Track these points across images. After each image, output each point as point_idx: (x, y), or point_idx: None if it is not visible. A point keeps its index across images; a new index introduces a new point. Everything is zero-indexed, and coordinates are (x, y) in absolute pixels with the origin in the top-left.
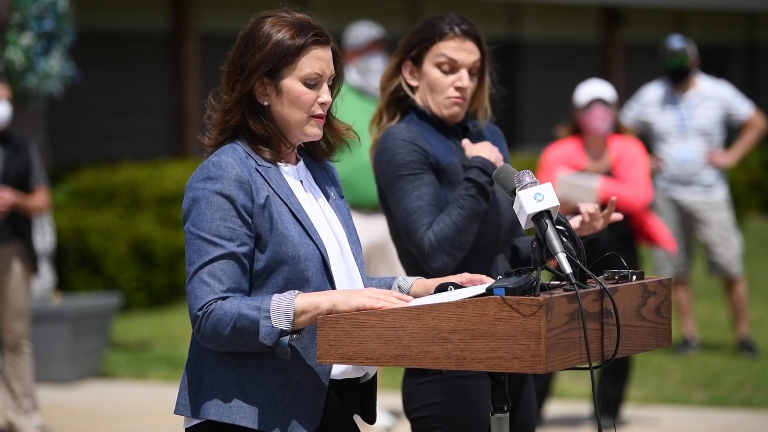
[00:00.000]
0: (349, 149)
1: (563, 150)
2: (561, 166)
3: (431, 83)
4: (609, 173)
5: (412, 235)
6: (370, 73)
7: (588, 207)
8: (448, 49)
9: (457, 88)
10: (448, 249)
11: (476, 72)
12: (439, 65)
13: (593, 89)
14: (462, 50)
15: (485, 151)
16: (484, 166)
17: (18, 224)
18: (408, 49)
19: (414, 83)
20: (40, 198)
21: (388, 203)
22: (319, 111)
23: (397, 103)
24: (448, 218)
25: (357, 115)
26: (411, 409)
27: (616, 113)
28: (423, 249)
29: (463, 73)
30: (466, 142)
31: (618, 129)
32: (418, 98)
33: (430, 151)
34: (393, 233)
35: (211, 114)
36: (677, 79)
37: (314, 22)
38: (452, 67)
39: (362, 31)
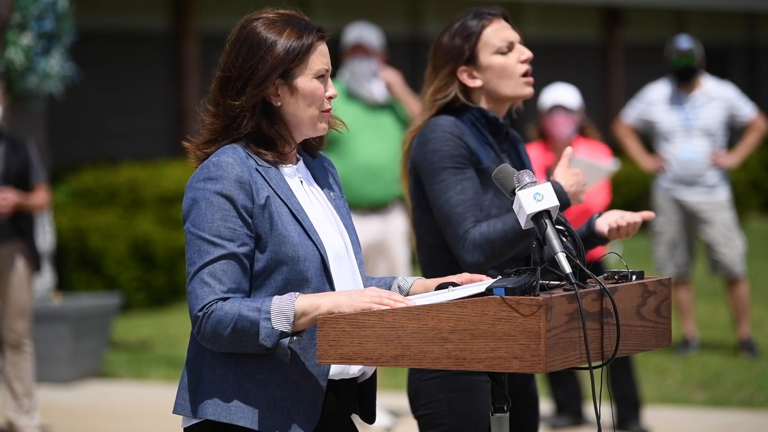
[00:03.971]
0: (337, 130)
1: (530, 152)
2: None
3: (500, 70)
4: None
5: (456, 225)
6: (354, 76)
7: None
8: (497, 32)
9: (523, 62)
10: (488, 251)
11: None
12: (498, 51)
13: (555, 95)
14: (506, 29)
15: (569, 179)
16: (559, 194)
17: (20, 223)
18: (457, 55)
19: (478, 84)
20: (40, 196)
21: (426, 191)
22: (328, 105)
23: (449, 111)
24: (501, 224)
25: (349, 114)
26: (417, 405)
27: (580, 117)
28: (464, 241)
29: (520, 47)
30: (566, 154)
31: (582, 132)
32: (482, 97)
33: (475, 150)
34: (416, 224)
35: (207, 119)
36: (684, 79)
37: (305, 17)
38: (508, 47)
39: (351, 33)
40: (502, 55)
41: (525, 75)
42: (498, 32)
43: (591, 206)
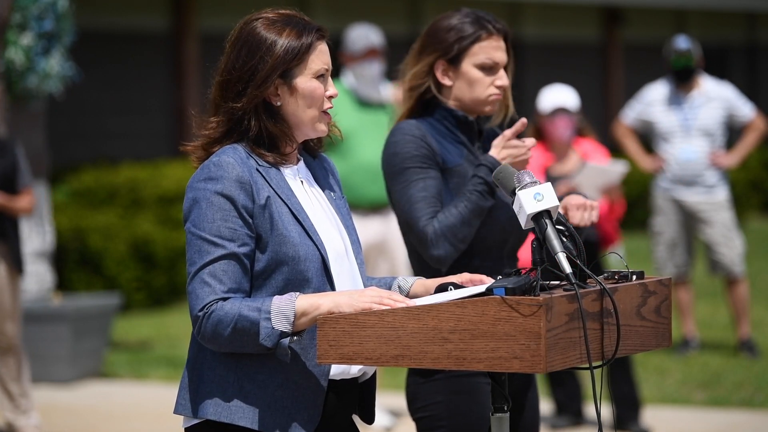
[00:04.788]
0: (332, 140)
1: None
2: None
3: (472, 83)
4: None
5: (415, 222)
6: (364, 79)
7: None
8: (489, 50)
9: (498, 87)
10: (451, 239)
11: (507, 69)
12: (480, 66)
13: (556, 98)
14: (499, 49)
15: (504, 152)
16: (493, 166)
17: (2, 226)
18: (444, 49)
19: (448, 83)
20: (26, 200)
21: (390, 195)
22: (328, 105)
23: (423, 103)
24: (455, 209)
25: (352, 115)
26: (415, 408)
27: (579, 118)
28: (426, 236)
29: (502, 73)
30: (507, 132)
31: (580, 132)
32: (450, 98)
33: (438, 151)
34: (401, 231)
35: (208, 122)
36: (682, 79)
37: (305, 17)
38: (492, 67)
39: (360, 37)
40: (482, 71)
41: (495, 96)
42: (491, 49)
43: (613, 206)
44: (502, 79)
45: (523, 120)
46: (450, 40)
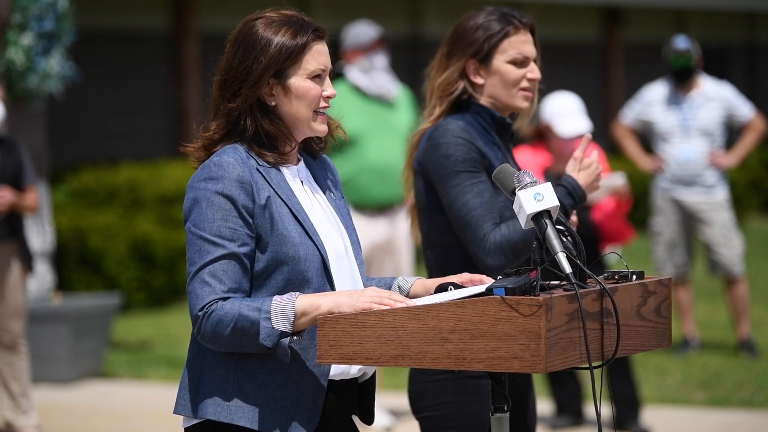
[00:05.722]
0: (335, 141)
1: (525, 156)
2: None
3: (505, 78)
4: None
5: (475, 229)
6: (374, 71)
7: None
8: (518, 44)
9: (530, 80)
10: (509, 253)
11: (536, 62)
12: (512, 61)
13: (578, 127)
14: (528, 43)
15: (582, 174)
16: (573, 189)
17: (14, 224)
18: (475, 50)
19: (480, 81)
20: (32, 197)
21: (440, 196)
22: (325, 104)
23: (456, 105)
24: (521, 226)
25: (359, 115)
26: (421, 406)
27: None
28: (484, 245)
29: (534, 66)
30: (577, 154)
31: None
32: (483, 95)
33: (486, 154)
34: (425, 225)
35: (208, 123)
36: (681, 79)
37: (306, 17)
38: (522, 61)
39: (364, 30)
40: (515, 65)
41: (525, 90)
42: (520, 44)
43: (621, 206)
44: (534, 71)
45: (588, 136)
46: (479, 40)
